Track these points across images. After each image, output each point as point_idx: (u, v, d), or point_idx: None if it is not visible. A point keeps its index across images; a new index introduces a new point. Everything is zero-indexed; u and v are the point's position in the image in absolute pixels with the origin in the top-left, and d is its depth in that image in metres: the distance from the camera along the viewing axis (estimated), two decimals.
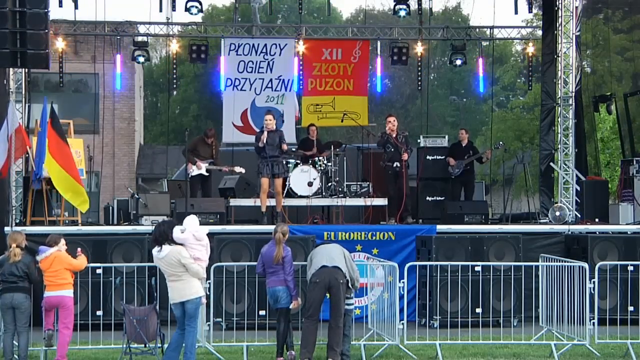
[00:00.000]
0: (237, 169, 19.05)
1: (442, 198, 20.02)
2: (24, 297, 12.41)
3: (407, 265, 14.28)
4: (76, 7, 21.48)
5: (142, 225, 17.36)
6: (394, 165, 18.27)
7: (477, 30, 24.51)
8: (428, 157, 20.31)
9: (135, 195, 18.40)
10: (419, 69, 23.55)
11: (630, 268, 15.21)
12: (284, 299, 12.73)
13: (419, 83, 23.98)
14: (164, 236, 11.93)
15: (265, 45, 22.91)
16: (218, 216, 17.57)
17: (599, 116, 28.03)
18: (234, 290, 14.90)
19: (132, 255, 15.61)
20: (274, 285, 12.78)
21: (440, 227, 17.19)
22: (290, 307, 12.74)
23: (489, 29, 24.02)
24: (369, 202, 18.48)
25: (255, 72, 22.85)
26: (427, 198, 20.10)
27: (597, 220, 18.70)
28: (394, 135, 18.38)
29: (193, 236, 12.04)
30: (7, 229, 16.19)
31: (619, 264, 15.25)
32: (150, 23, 22.75)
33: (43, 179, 16.80)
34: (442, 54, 42.41)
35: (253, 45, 22.87)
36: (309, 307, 12.68)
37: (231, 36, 23.28)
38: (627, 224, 18.47)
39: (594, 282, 13.84)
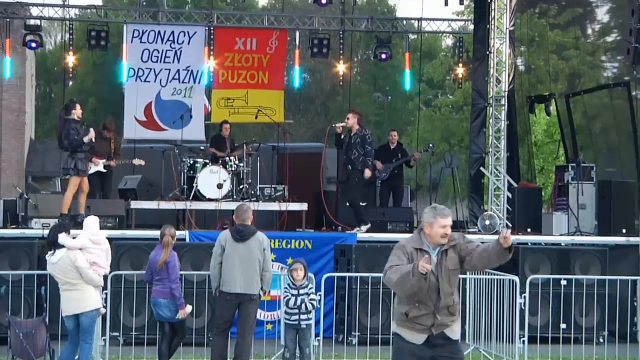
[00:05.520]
0: (137, 161, 18.86)
1: (364, 204, 20.09)
2: None
3: (325, 276, 14.33)
4: None
5: (32, 228, 17.08)
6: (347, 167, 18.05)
7: (404, 22, 24.71)
8: None
9: (25, 195, 18.11)
10: (341, 62, 23.68)
11: (564, 282, 15.47)
12: (165, 312, 12.62)
13: (341, 78, 24.10)
14: (55, 239, 11.79)
15: (173, 32, 22.79)
16: (117, 220, 17.38)
17: (533, 118, 28.47)
18: (134, 301, 14.75)
19: (19, 262, 15.31)
20: (155, 296, 12.69)
21: (361, 236, 17.26)
22: (177, 317, 12.65)
23: (416, 21, 24.26)
24: (283, 206, 18.47)
25: (161, 61, 22.70)
26: (347, 203, 20.15)
27: (529, 230, 18.98)
28: (351, 134, 17.95)
29: (89, 240, 11.89)
30: None
31: (551, 277, 15.50)
32: (44, 5, 22.43)
33: None
34: (365, 47, 42.64)
35: (159, 32, 22.73)
36: (218, 321, 12.62)
37: (135, 22, 23.09)
38: (561, 235, 18.78)
39: (524, 296, 14.04)
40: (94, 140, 17.03)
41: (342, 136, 18.02)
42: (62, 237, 11.80)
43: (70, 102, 17.43)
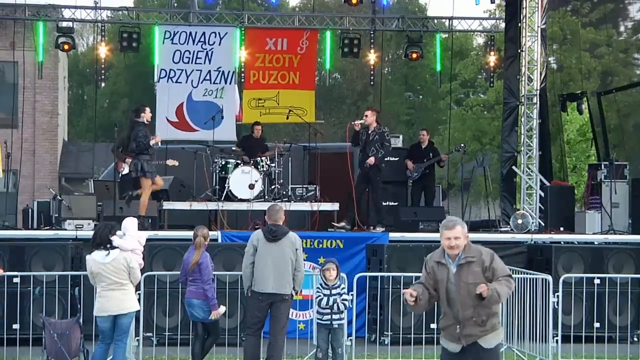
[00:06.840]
0: (170, 162, 18.93)
1: (396, 203, 20.07)
2: None
3: (357, 276, 14.32)
4: None
5: (65, 229, 17.17)
6: (364, 165, 18.00)
7: (435, 21, 24.66)
8: None
9: (58, 197, 18.21)
10: (372, 61, 23.67)
11: (597, 281, 15.39)
12: (199, 313, 12.69)
13: (372, 78, 24.10)
14: (107, 240, 11.83)
15: (204, 33, 22.85)
16: (150, 220, 17.46)
17: (565, 116, 28.34)
18: (167, 302, 14.81)
19: (53, 263, 15.39)
20: (189, 297, 12.79)
21: (393, 235, 17.24)
22: (210, 317, 12.70)
23: (447, 20, 24.20)
24: (315, 206, 18.48)
25: (192, 62, 22.79)
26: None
27: (561, 229, 18.89)
28: (369, 131, 17.92)
29: (138, 242, 12.02)
30: None
31: (584, 276, 15.42)
32: (76, 7, 22.57)
33: None
34: (396, 46, 42.59)
35: (190, 33, 22.81)
36: (250, 321, 12.64)
37: (166, 23, 23.19)
38: (594, 234, 18.68)
39: (557, 295, 13.98)
40: (159, 144, 17.22)
41: (360, 134, 17.99)
42: (117, 240, 11.91)
43: (141, 105, 17.68)
